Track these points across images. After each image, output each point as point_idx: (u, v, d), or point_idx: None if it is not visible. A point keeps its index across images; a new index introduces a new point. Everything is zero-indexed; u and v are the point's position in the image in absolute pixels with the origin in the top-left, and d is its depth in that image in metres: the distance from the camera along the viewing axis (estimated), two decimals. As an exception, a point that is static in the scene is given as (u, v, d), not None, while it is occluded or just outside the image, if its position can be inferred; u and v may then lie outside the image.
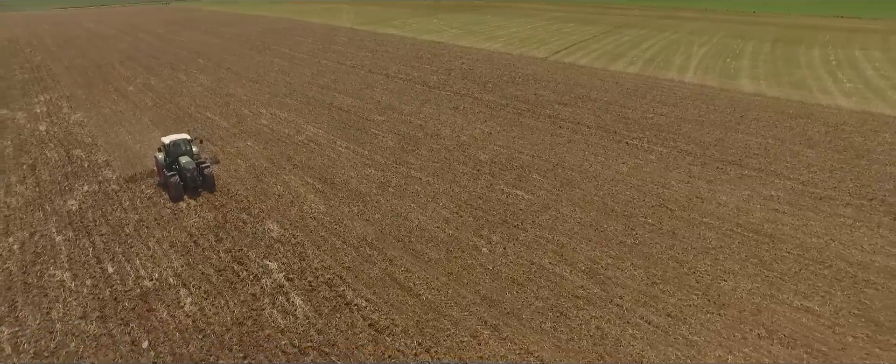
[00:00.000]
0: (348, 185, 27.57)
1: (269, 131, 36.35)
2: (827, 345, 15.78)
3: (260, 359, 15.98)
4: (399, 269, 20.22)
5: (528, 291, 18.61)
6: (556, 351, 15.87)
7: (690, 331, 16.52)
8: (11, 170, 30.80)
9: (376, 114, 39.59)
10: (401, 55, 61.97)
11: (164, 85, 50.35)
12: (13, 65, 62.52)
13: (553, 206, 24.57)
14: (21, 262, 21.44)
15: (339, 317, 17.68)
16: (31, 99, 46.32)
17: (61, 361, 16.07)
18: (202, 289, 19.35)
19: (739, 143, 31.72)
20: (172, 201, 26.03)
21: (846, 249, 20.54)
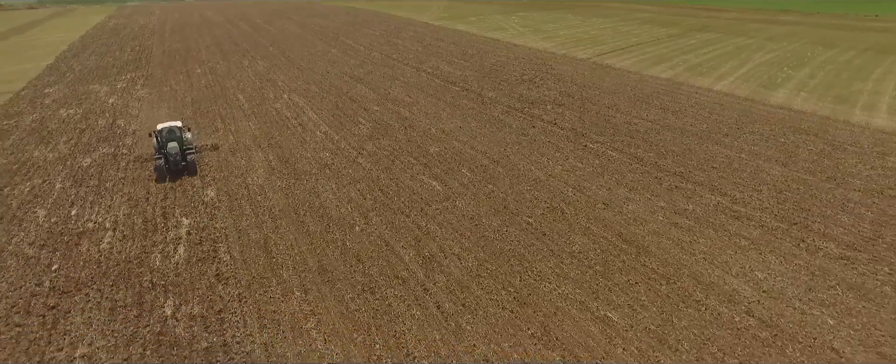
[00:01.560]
0: (298, 164, 30.76)
1: (274, 114, 40.79)
2: (591, 352, 15.86)
3: (120, 286, 19.63)
4: (278, 236, 22.94)
5: (360, 267, 20.40)
6: (335, 316, 17.66)
7: (469, 320, 17.37)
8: (66, 131, 38.14)
9: (375, 104, 42.44)
10: (449, 51, 64.12)
11: (225, 69, 57.50)
12: (127, 47, 74.51)
13: (453, 199, 25.75)
14: (21, 200, 27.37)
15: (199, 266, 20.86)
16: (121, 76, 55.58)
17: (-10, 272, 21.02)
18: (123, 234, 23.60)
19: (706, 155, 29.98)
20: (157, 181, 28.74)
21: (707, 269, 19.61)
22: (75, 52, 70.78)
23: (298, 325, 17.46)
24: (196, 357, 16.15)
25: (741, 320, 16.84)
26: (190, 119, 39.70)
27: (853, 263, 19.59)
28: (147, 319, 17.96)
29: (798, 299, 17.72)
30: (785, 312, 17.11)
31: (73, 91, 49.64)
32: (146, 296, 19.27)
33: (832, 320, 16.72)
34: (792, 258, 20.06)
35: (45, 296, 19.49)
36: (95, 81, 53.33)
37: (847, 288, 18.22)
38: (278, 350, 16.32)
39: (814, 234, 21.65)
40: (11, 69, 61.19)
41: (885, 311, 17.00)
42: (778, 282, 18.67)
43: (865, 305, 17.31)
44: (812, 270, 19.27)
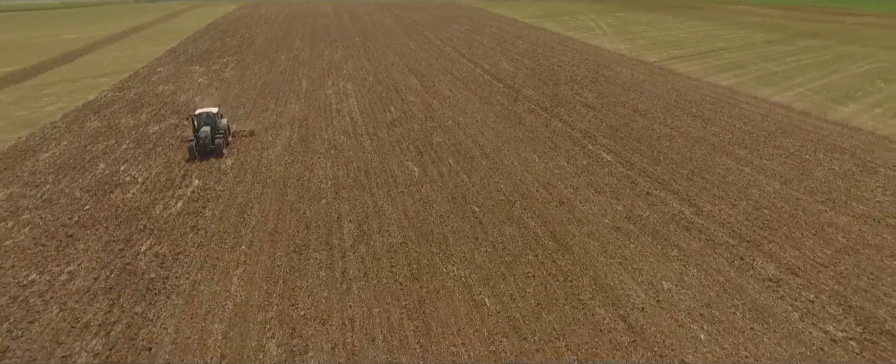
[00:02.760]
0: (311, 144, 34.27)
1: (321, 99, 44.96)
2: (445, 327, 17.07)
3: (122, 227, 24.17)
4: (257, 201, 26.39)
5: (304, 233, 23.08)
6: (259, 268, 20.50)
7: (361, 286, 19.24)
8: (153, 104, 45.37)
9: (414, 95, 44.98)
10: (519, 49, 64.77)
11: (306, 56, 63.44)
12: (238, 34, 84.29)
13: (421, 184, 27.53)
14: (93, 155, 33.74)
15: (184, 218, 24.85)
16: (219, 59, 63.75)
17: (44, 199, 26.76)
18: (146, 188, 28.54)
19: (706, 165, 28.57)
20: (188, 160, 31.55)
21: (614, 273, 19.60)
22: (196, 38, 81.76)
23: (227, 270, 20.55)
24: (138, 283, 19.85)
25: (610, 323, 16.95)
26: (251, 100, 45.14)
27: (778, 286, 18.43)
28: (124, 253, 22.13)
29: (687, 312, 17.30)
30: (661, 322, 16.89)
31: (177, 71, 58.16)
32: (135, 236, 23.56)
33: (705, 336, 16.23)
34: (714, 274, 19.29)
35: (69, 227, 24.56)
36: (197, 63, 61.81)
37: (750, 309, 17.36)
38: (200, 287, 19.51)
39: (760, 253, 20.43)
40: (146, 50, 72.55)
41: (771, 337, 16.11)
42: (679, 294, 18.24)
43: (755, 328, 16.50)
44: (726, 288, 18.49)
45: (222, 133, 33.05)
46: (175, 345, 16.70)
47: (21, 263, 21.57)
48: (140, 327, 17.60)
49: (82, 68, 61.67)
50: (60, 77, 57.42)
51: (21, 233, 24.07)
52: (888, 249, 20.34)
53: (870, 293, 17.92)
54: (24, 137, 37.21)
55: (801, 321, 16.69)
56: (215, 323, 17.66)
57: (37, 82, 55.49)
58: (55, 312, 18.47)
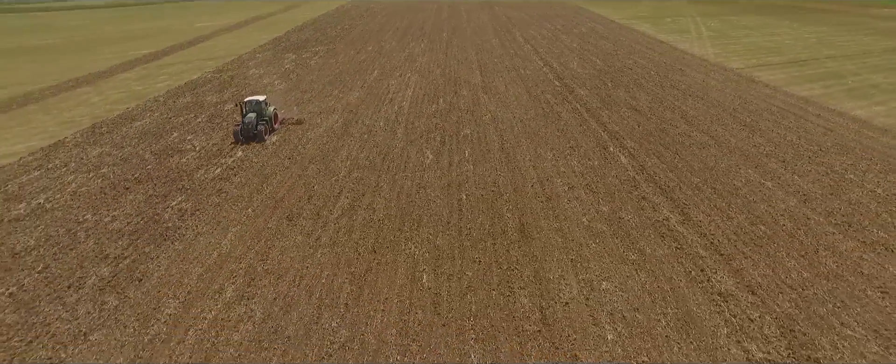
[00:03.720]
0: (351, 128, 37.10)
1: (382, 89, 47.88)
2: (376, 296, 18.63)
3: (167, 185, 28.54)
4: (280, 173, 29.57)
5: (304, 203, 25.67)
6: (251, 228, 23.40)
7: (325, 253, 21.32)
8: (239, 85, 51.18)
9: (468, 90, 46.34)
10: (599, 50, 63.33)
11: (390, 49, 67.10)
12: (339, 26, 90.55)
13: (426, 170, 29.05)
14: (173, 125, 39.34)
15: (215, 182, 28.67)
16: (312, 49, 69.51)
17: (120, 159, 32.11)
18: (199, 156, 33.01)
19: (725, 176, 26.94)
20: (233, 142, 34.23)
21: (558, 268, 19.78)
22: (302, 28, 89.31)
23: (227, 228, 23.69)
24: (156, 230, 23.62)
25: (526, 312, 17.42)
26: (321, 87, 49.29)
27: (724, 302, 17.62)
28: (158, 206, 26.25)
29: (609, 313, 17.25)
30: (577, 319, 17.04)
31: (272, 57, 64.57)
32: (172, 193, 27.73)
33: (612, 337, 16.19)
34: (662, 282, 18.82)
35: (129, 181, 29.42)
36: (292, 51, 67.99)
37: (678, 319, 16.87)
38: (200, 238, 22.78)
39: (726, 268, 19.47)
40: (255, 38, 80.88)
41: (682, 347, 15.67)
42: (613, 295, 18.14)
43: (671, 337, 16.11)
44: (665, 296, 18.04)
45: (266, 120, 35.33)
46: (159, 279, 19.94)
47: (84, 205, 26.42)
48: (142, 263, 21.13)
49: (199, 52, 70.54)
50: (180, 59, 66.31)
51: (94, 182, 29.26)
52: (879, 280, 18.40)
53: (824, 321, 16.56)
54: (131, 108, 44.14)
55: (727, 337, 15.97)
56: (197, 267, 20.70)
57: (162, 62, 64.65)
58: (90, 245, 22.66)
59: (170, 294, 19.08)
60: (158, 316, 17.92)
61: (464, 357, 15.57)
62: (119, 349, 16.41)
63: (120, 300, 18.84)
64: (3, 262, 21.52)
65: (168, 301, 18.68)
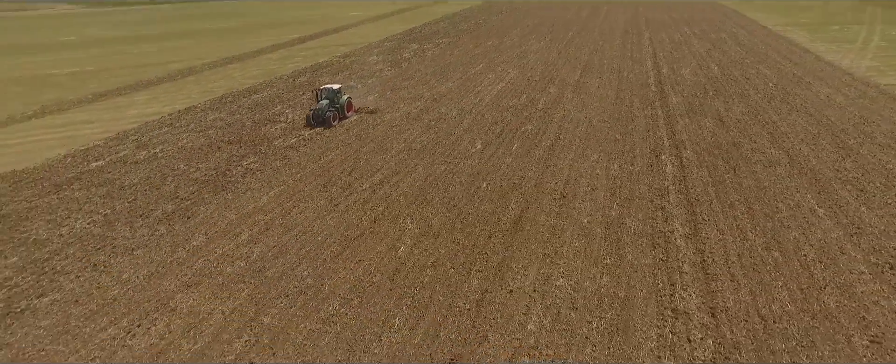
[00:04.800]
0: (424, 116, 39.62)
1: (476, 81, 49.74)
2: (361, 251, 20.89)
3: (249, 147, 33.72)
4: (339, 148, 33.15)
5: (345, 177, 28.81)
6: (292, 191, 27.08)
7: (339, 218, 24.12)
8: (349, 69, 56.54)
9: (557, 87, 46.25)
10: (729, 57, 58.07)
11: (509, 43, 68.43)
12: (472, 20, 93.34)
13: (467, 159, 30.47)
14: (281, 100, 45.35)
15: (285, 151, 33.16)
16: (437, 40, 73.32)
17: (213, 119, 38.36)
18: (284, 128, 38.02)
19: (770, 197, 24.28)
20: (305, 125, 37.06)
21: (528, 263, 20.27)
22: (438, 21, 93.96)
23: (272, 188, 27.64)
24: (220, 182, 28.39)
25: (468, 293, 18.32)
26: (423, 76, 52.60)
27: (675, 319, 16.80)
28: (233, 163, 31.26)
29: (546, 306, 17.48)
30: (509, 306, 17.44)
31: (396, 46, 69.69)
32: (249, 154, 32.68)
33: (534, 327, 16.49)
34: (623, 289, 18.34)
35: (224, 142, 35.18)
36: (417, 42, 72.53)
37: (613, 324, 16.54)
38: (248, 193, 26.98)
39: (700, 287, 18.29)
40: (392, 29, 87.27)
41: (595, 350, 15.55)
42: (560, 293, 18.12)
43: (592, 338, 15.97)
44: (613, 302, 17.62)
45: (337, 108, 37.38)
46: (201, 219, 24.34)
47: (182, 158, 32.44)
48: (197, 205, 25.84)
49: (338, 39, 78.44)
50: (319, 44, 74.55)
51: (199, 140, 35.52)
52: (876, 329, 16.03)
53: (774, 357, 15.13)
54: (258, 83, 51.55)
55: (649, 352, 15.43)
56: (233, 214, 24.79)
57: (304, 46, 73.35)
58: (171, 188, 28.11)
59: (202, 231, 23.26)
60: (186, 245, 22.10)
61: (389, 318, 17.14)
62: (147, 264, 20.75)
63: (167, 230, 23.47)
64: (112, 192, 27.66)
65: (198, 235, 22.84)
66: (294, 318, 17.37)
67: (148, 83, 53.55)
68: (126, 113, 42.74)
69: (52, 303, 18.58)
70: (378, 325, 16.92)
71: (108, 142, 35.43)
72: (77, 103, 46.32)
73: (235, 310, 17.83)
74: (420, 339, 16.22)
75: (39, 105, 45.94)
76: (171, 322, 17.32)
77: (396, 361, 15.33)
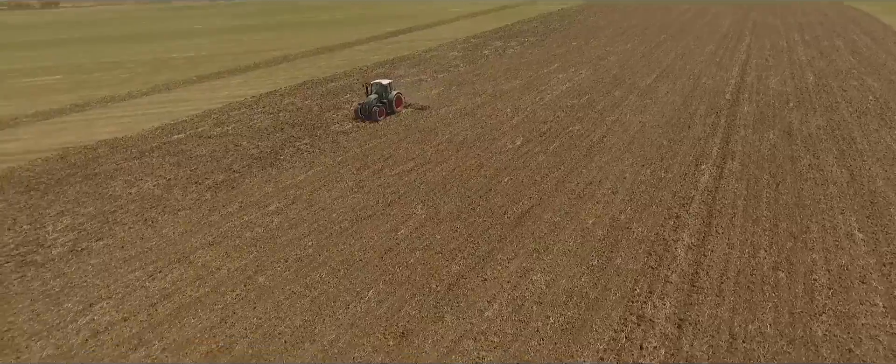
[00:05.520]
0: (476, 112, 40.52)
1: (542, 80, 49.60)
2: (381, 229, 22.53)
3: (307, 131, 36.74)
4: (390, 134, 35.09)
5: (388, 161, 30.68)
6: (346, 173, 29.41)
7: (374, 191, 25.96)
8: (428, 65, 58.50)
9: (622, 90, 44.95)
10: (835, 66, 52.40)
11: (593, 45, 66.94)
12: (567, 20, 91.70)
13: (500, 154, 31.07)
14: (354, 89, 48.37)
15: (341, 135, 35.71)
16: (522, 39, 73.42)
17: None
18: (346, 114, 40.70)
19: (799, 217, 22.52)
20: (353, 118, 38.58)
21: (506, 247, 20.72)
22: (532, 20, 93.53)
23: (312, 167, 30.07)
24: (270, 158, 31.41)
25: (444, 278, 19.19)
26: (493, 74, 53.35)
27: (637, 325, 16.50)
28: (287, 144, 34.27)
29: (511, 297, 17.84)
30: (477, 293, 18.03)
31: (480, 43, 70.78)
32: (305, 137, 35.59)
33: (490, 314, 17.05)
34: (597, 290, 18.16)
35: (287, 124, 38.57)
36: (501, 40, 73.09)
37: (571, 322, 16.55)
38: (290, 171, 29.63)
39: (678, 299, 17.66)
40: (482, 26, 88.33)
41: (542, 346, 15.80)
42: (533, 286, 18.33)
43: (544, 332, 16.17)
44: (580, 301, 17.59)
45: (384, 103, 38.38)
46: (242, 190, 27.27)
47: (248, 136, 36.09)
48: (244, 177, 28.90)
49: (429, 34, 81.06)
50: (409, 38, 77.64)
51: (267, 122, 39.23)
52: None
53: (726, 373, 14.51)
54: (339, 72, 55.21)
55: (594, 354, 15.39)
56: (271, 187, 27.47)
57: (394, 40, 76.83)
58: (229, 161, 31.56)
59: (238, 199, 26.13)
60: (221, 210, 25.03)
61: (364, 290, 18.52)
62: (184, 223, 23.86)
63: (211, 196, 26.64)
64: (181, 161, 31.67)
65: (234, 203, 25.72)
66: (284, 280, 19.29)
67: (245, 68, 59.31)
68: (218, 94, 47.90)
69: (104, 246, 22.08)
70: (352, 295, 18.34)
71: (193, 118, 40.17)
72: (182, 84, 52.65)
73: (239, 268, 20.12)
74: (383, 311, 17.41)
75: (153, 84, 52.76)
76: (184, 272, 19.97)
77: (354, 328, 16.61)
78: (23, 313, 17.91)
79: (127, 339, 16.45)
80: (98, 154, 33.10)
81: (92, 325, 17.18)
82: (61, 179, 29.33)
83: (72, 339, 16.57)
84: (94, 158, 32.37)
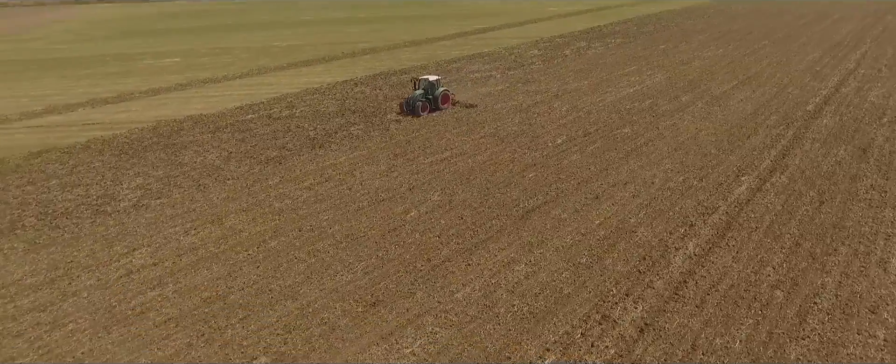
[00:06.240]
0: (530, 109, 40.73)
1: (613, 81, 48.46)
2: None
3: (365, 118, 39.17)
4: (437, 122, 36.52)
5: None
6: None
7: (426, 171, 27.69)
8: (500, 62, 59.04)
9: (689, 95, 42.85)
10: None
11: (682, 49, 63.74)
12: (664, 22, 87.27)
13: (542, 149, 31.39)
14: (408, 83, 50.33)
15: (399, 122, 37.72)
16: (609, 40, 71.51)
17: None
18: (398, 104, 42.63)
19: (848, 232, 20.73)
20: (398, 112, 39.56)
21: (502, 239, 21.27)
22: (623, 22, 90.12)
23: (355, 151, 32.22)
24: (321, 140, 34.03)
25: (432, 259, 20.30)
26: (563, 75, 52.91)
27: (599, 325, 16.56)
28: (340, 129, 36.83)
29: (484, 284, 18.52)
30: (456, 275, 18.94)
31: (563, 43, 69.97)
32: (358, 123, 37.93)
33: (460, 296, 17.88)
34: (572, 287, 18.35)
35: (349, 111, 41.24)
36: (585, 41, 71.65)
37: (532, 313, 16.93)
38: (335, 153, 32.00)
39: (653, 304, 17.36)
40: (576, 25, 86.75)
41: (495, 331, 16.40)
42: (510, 275, 18.94)
43: (503, 320, 16.75)
44: (549, 295, 17.87)
45: (429, 99, 38.83)
46: (287, 166, 29.98)
47: (309, 119, 39.17)
48: (293, 155, 31.70)
49: (517, 32, 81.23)
50: (494, 35, 78.46)
51: (332, 107, 42.16)
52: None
53: (670, 380, 14.30)
54: (416, 66, 57.44)
55: (541, 346, 15.72)
56: (312, 166, 29.95)
57: (480, 36, 78.12)
58: (286, 140, 34.66)
59: (281, 174, 28.87)
60: (262, 182, 27.87)
61: (356, 262, 20.09)
62: (229, 190, 26.91)
63: (260, 170, 29.63)
64: (245, 138, 35.24)
65: (275, 177, 28.49)
66: (291, 246, 21.39)
67: (332, 58, 63.55)
68: (298, 80, 52.03)
69: (159, 204, 25.61)
70: (344, 265, 19.99)
71: (269, 101, 44.18)
72: (273, 70, 57.66)
73: (258, 233, 22.55)
74: (365, 282, 18.86)
75: (249, 69, 58.29)
76: (213, 231, 22.76)
77: (334, 293, 18.22)
78: (83, 251, 21.50)
79: (149, 280, 19.29)
80: (182, 127, 37.69)
81: (128, 265, 20.29)
82: (147, 146, 33.93)
83: (111, 275, 19.72)
84: (178, 130, 36.93)
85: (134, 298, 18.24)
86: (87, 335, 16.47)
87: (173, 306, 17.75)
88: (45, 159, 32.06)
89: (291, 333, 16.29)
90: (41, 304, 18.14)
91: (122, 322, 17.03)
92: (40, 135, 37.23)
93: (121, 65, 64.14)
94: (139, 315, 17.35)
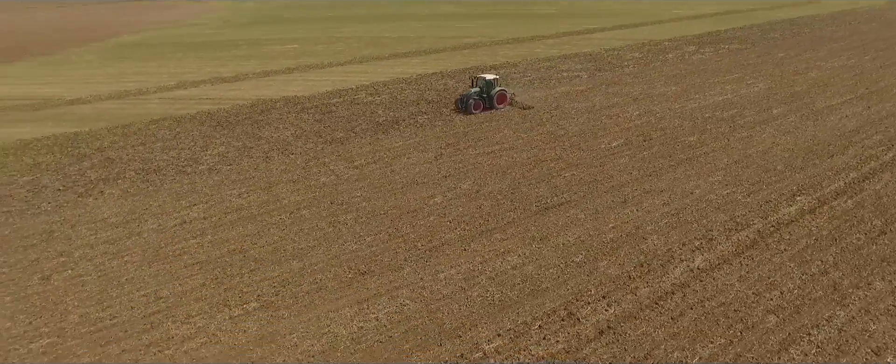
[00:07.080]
0: (599, 112, 39.97)
1: (708, 88, 45.61)
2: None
3: (421, 109, 41.10)
4: (500, 120, 37.41)
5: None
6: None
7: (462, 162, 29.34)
8: (598, 62, 57.71)
9: (787, 107, 39.21)
10: None
11: (799, 58, 57.70)
12: (779, 30, 78.69)
13: (591, 151, 31.19)
14: (505, 79, 51.12)
15: (448, 115, 39.23)
16: (726, 46, 66.60)
17: (436, 89, 46.50)
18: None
19: (876, 261, 18.93)
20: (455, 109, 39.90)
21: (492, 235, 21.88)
22: (752, 26, 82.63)
23: (409, 138, 34.24)
24: (385, 125, 36.48)
25: (435, 240, 21.57)
26: (651, 79, 50.71)
27: (562, 321, 16.85)
28: (410, 117, 38.94)
29: (469, 269, 19.48)
30: (449, 255, 20.08)
31: (672, 46, 66.43)
32: (426, 112, 39.81)
33: (442, 276, 19.02)
34: (554, 284, 18.63)
35: (425, 101, 43.31)
36: (696, 45, 67.25)
37: (501, 301, 17.57)
38: (394, 139, 34.27)
39: (631, 309, 17.25)
40: (693, 29, 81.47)
41: (457, 316, 17.32)
42: (499, 264, 19.58)
43: (476, 306, 17.65)
44: (526, 287, 18.33)
45: (484, 98, 38.94)
46: (345, 147, 32.73)
47: (384, 106, 41.80)
48: (356, 137, 34.46)
49: (626, 34, 78.12)
50: (601, 37, 76.28)
51: (411, 97, 44.47)
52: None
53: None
54: (507, 63, 58.12)
55: (498, 335, 16.39)
56: (365, 149, 32.44)
57: (586, 37, 76.52)
58: (355, 123, 37.57)
59: (336, 153, 31.74)
60: (318, 159, 30.89)
61: (363, 236, 21.98)
62: (288, 163, 30.19)
63: (321, 148, 32.77)
64: (321, 119, 38.66)
65: (331, 155, 31.40)
66: (317, 217, 23.84)
67: (431, 51, 66.14)
68: (392, 70, 55.18)
69: (229, 170, 29.54)
70: (354, 237, 22.00)
71: (358, 87, 47.64)
72: (374, 59, 61.59)
73: (297, 202, 25.34)
74: (365, 253, 20.69)
75: (354, 57, 62.82)
76: (260, 197, 25.99)
77: (334, 259, 20.24)
78: (157, 201, 25.74)
79: (195, 230, 22.76)
80: (274, 106, 42.23)
81: (184, 217, 24.03)
82: (239, 121, 38.67)
83: (169, 222, 23.53)
84: (269, 109, 41.48)
85: (178, 243, 21.69)
86: (134, 266, 20.06)
87: (204, 253, 20.87)
88: (159, 125, 37.91)
89: (285, 287, 18.53)
90: (112, 238, 22.24)
91: (162, 260, 20.44)
92: (166, 105, 43.79)
93: (249, 49, 72.23)
94: (176, 256, 20.68)
